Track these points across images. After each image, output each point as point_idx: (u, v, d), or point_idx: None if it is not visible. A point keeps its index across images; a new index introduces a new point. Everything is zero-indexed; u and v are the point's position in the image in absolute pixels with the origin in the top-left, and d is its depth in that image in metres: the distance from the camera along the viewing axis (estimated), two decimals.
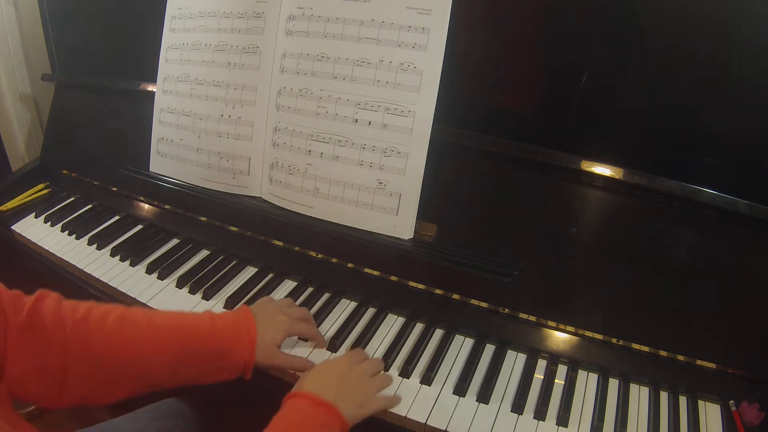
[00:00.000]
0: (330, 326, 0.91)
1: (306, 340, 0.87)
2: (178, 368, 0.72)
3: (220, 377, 0.75)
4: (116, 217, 1.20)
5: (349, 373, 0.74)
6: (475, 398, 0.78)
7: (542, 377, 0.82)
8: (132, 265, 1.05)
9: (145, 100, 1.18)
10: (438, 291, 0.92)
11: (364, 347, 0.86)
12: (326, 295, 0.97)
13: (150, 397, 0.89)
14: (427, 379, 0.81)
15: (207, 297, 0.96)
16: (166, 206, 1.16)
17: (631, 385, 0.81)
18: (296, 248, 1.01)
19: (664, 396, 0.80)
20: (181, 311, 0.77)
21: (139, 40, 1.22)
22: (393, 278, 0.94)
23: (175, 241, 1.12)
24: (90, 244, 1.11)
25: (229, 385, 0.76)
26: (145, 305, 0.95)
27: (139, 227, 1.16)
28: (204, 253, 1.09)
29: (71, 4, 1.34)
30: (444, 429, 0.74)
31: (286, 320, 0.81)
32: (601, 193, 0.85)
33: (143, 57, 1.18)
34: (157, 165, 1.17)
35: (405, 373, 0.82)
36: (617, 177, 0.82)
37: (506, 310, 0.88)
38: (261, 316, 0.79)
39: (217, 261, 1.05)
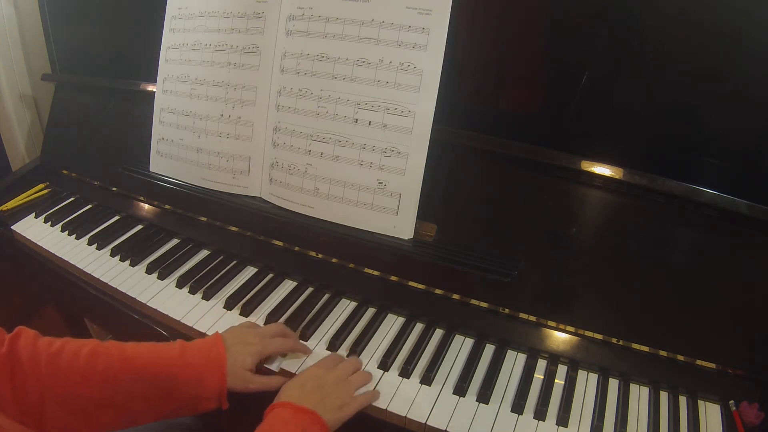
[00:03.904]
0: (330, 326, 0.91)
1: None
2: (153, 400, 0.72)
3: (198, 408, 0.74)
4: (116, 217, 1.20)
5: (325, 379, 0.74)
6: (475, 398, 0.78)
7: (542, 377, 0.82)
8: (132, 265, 1.05)
9: (145, 100, 1.18)
10: (438, 291, 0.92)
11: (364, 347, 0.86)
12: (326, 295, 0.97)
13: None
14: (427, 379, 0.81)
15: (207, 297, 0.96)
16: (166, 206, 1.16)
17: (631, 385, 0.81)
18: (296, 248, 1.01)
19: (664, 396, 0.80)
20: (152, 343, 0.76)
21: (139, 40, 1.22)
22: (393, 278, 0.94)
23: (175, 241, 1.12)
24: (90, 244, 1.11)
25: None
26: (145, 305, 0.95)
27: (139, 227, 1.16)
28: (204, 253, 1.09)
29: (71, 4, 1.34)
30: (444, 429, 0.74)
31: (258, 342, 0.78)
32: (601, 193, 0.85)
33: (143, 57, 1.18)
34: (157, 165, 1.17)
35: (405, 373, 0.82)
36: (617, 177, 0.82)
37: (506, 310, 0.88)
38: (231, 341, 0.77)
39: (217, 261, 1.05)
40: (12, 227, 1.19)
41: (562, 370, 0.83)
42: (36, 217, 1.22)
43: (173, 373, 0.72)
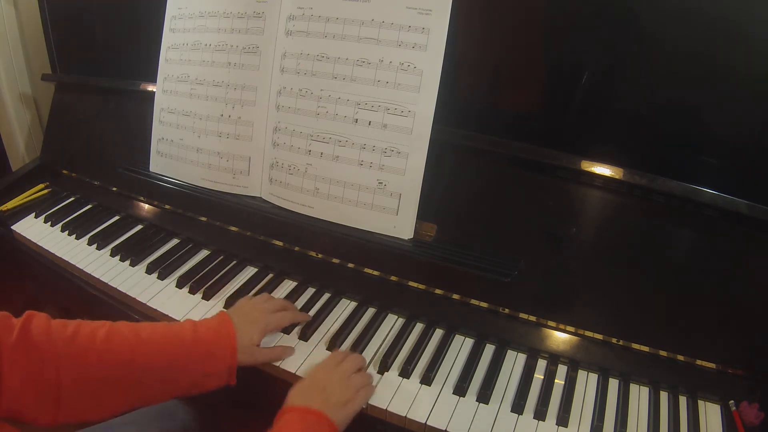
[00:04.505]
0: (330, 326, 0.91)
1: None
2: (167, 378, 0.74)
3: (208, 385, 0.76)
4: (116, 217, 1.20)
5: (329, 379, 0.76)
6: (475, 398, 0.78)
7: (542, 377, 0.82)
8: (132, 265, 1.05)
9: (145, 100, 1.18)
10: (438, 291, 0.92)
11: (364, 347, 0.86)
12: (326, 295, 0.97)
13: None
14: (427, 379, 0.81)
15: (207, 297, 0.96)
16: (166, 206, 1.16)
17: (631, 385, 0.81)
18: (296, 248, 1.01)
19: (664, 396, 0.80)
20: (164, 323, 0.79)
21: (139, 40, 1.22)
22: (393, 278, 0.94)
23: (175, 241, 1.12)
24: (90, 244, 1.11)
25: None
26: (145, 305, 0.95)
27: (139, 227, 1.16)
28: (204, 253, 1.09)
29: (71, 4, 1.34)
30: (444, 429, 0.74)
31: (262, 318, 0.84)
32: (601, 193, 0.85)
33: (143, 57, 1.18)
34: (157, 165, 1.17)
35: (405, 373, 0.82)
36: (617, 177, 0.82)
37: (506, 310, 0.88)
38: (237, 318, 0.81)
39: (217, 261, 1.05)
40: (12, 227, 1.19)
41: (562, 370, 0.83)
42: (36, 217, 1.22)
43: (187, 351, 0.75)
